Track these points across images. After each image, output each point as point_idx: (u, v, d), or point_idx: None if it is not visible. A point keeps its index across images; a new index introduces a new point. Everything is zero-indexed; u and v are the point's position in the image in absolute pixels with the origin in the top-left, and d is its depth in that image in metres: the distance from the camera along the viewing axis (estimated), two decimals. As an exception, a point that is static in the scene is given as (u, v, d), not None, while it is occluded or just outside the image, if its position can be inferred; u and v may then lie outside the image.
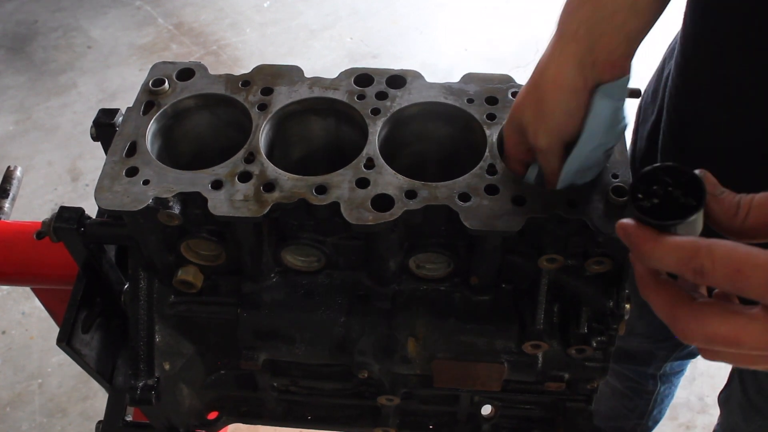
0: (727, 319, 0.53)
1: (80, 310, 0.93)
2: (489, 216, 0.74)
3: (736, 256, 0.51)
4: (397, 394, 0.93)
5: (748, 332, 0.53)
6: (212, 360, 0.96)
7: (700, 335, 0.55)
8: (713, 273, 0.52)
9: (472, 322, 0.85)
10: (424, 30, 3.51)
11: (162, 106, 0.85)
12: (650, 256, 0.56)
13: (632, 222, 0.57)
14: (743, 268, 0.51)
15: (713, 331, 0.54)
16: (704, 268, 0.52)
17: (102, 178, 0.79)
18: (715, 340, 0.54)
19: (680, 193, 0.57)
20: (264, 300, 0.87)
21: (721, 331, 0.53)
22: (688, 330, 0.55)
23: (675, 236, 0.55)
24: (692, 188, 0.57)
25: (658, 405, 1.72)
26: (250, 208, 0.75)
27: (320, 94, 0.86)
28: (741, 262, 0.51)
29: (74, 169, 2.88)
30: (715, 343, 0.54)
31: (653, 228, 0.56)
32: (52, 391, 2.23)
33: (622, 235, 0.58)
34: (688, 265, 0.53)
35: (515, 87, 0.87)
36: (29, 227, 1.06)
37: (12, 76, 3.26)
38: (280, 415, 1.05)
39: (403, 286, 0.86)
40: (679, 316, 0.56)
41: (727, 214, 0.56)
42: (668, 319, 0.57)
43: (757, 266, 0.50)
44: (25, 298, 2.43)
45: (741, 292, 0.52)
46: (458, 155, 0.88)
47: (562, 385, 0.90)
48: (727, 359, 0.58)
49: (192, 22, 3.53)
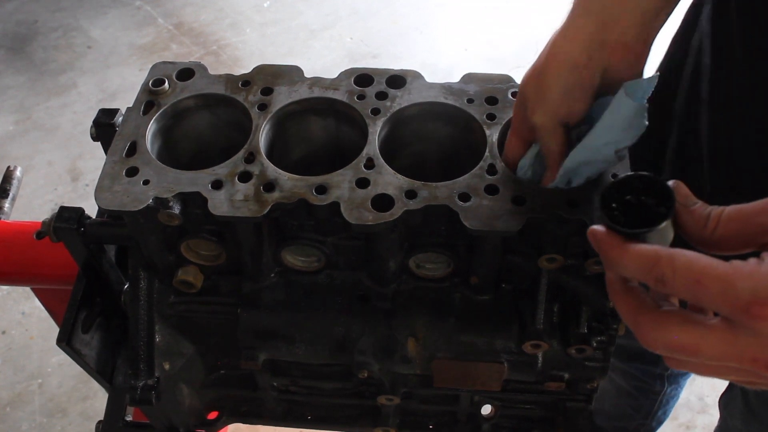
0: (687, 329, 0.54)
1: (80, 310, 0.93)
2: (489, 216, 0.74)
3: (697, 267, 0.52)
4: (397, 393, 0.93)
5: (706, 342, 0.53)
6: (212, 360, 0.96)
7: (661, 343, 0.55)
8: (673, 282, 0.53)
9: (472, 321, 0.85)
10: (424, 30, 3.51)
11: (162, 106, 0.85)
12: (616, 263, 0.56)
13: (602, 228, 0.58)
14: (702, 278, 0.51)
15: (673, 339, 0.54)
16: (665, 277, 0.53)
17: (102, 178, 0.79)
18: (675, 348, 0.54)
19: (653, 202, 0.57)
20: (264, 300, 0.87)
21: (681, 340, 0.54)
22: (650, 337, 0.56)
23: (640, 244, 0.55)
24: (663, 197, 0.57)
25: (663, 406, 1.72)
26: (251, 208, 0.75)
27: (320, 94, 0.86)
28: (700, 272, 0.51)
29: (74, 169, 2.88)
30: (675, 351, 0.55)
31: (621, 235, 0.56)
32: (52, 391, 2.23)
33: (592, 241, 0.58)
34: (650, 274, 0.54)
35: (515, 87, 0.87)
36: (29, 227, 1.06)
37: (12, 76, 3.26)
38: (280, 414, 1.05)
39: (403, 286, 0.86)
40: (642, 322, 0.56)
41: (698, 225, 0.57)
42: (632, 325, 0.57)
43: (715, 278, 0.51)
44: (25, 298, 2.43)
45: (700, 303, 0.52)
46: (458, 155, 0.88)
47: (562, 385, 0.90)
48: (690, 368, 0.58)
49: (192, 22, 3.53)
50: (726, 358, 0.53)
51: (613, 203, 0.58)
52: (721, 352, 0.53)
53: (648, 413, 1.73)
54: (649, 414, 1.73)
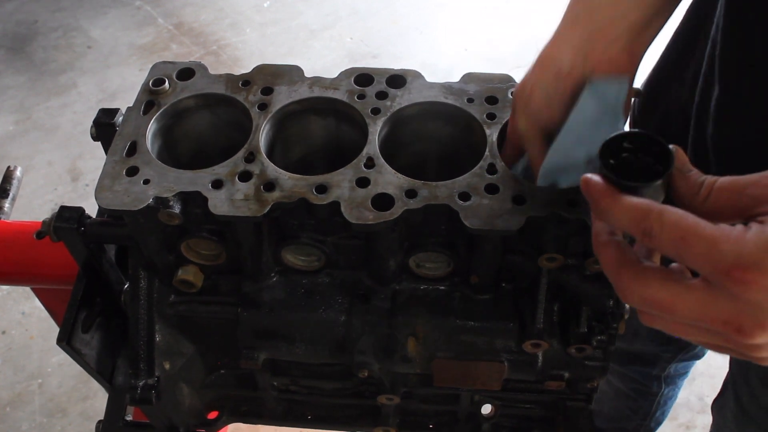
0: (666, 285, 0.55)
1: (80, 309, 0.93)
2: (489, 215, 0.74)
3: (684, 224, 0.52)
4: (398, 393, 0.93)
5: (683, 300, 0.54)
6: (212, 359, 0.96)
7: (639, 297, 0.56)
8: (660, 237, 0.53)
9: (472, 321, 0.85)
10: (424, 30, 3.51)
11: (162, 106, 0.86)
12: (607, 212, 0.57)
13: (598, 178, 0.58)
14: (688, 236, 0.52)
15: (651, 294, 0.55)
16: (653, 231, 0.54)
17: (102, 178, 0.79)
18: (651, 303, 0.55)
19: (650, 161, 0.58)
20: (264, 299, 0.87)
21: (658, 296, 0.55)
22: (629, 290, 0.57)
23: (633, 197, 0.56)
24: (661, 158, 0.58)
25: (661, 407, 1.72)
26: (251, 208, 0.75)
27: (320, 93, 0.86)
28: (687, 230, 0.52)
29: (74, 169, 2.88)
30: (652, 306, 0.56)
31: (616, 186, 0.57)
32: (52, 391, 2.23)
33: (584, 189, 0.59)
34: (639, 226, 0.55)
35: (515, 87, 0.86)
36: (29, 227, 1.06)
37: (12, 76, 3.26)
38: (280, 414, 1.05)
39: (403, 286, 0.86)
40: (623, 274, 0.57)
41: (691, 191, 0.58)
42: (612, 276, 0.58)
43: (701, 237, 0.51)
44: (25, 298, 2.43)
45: (683, 260, 0.53)
46: (458, 155, 0.88)
47: (562, 384, 0.90)
48: (662, 325, 0.58)
49: (192, 22, 3.53)
50: (699, 318, 0.54)
51: (611, 157, 0.59)
52: (695, 311, 0.54)
53: (646, 414, 1.73)
54: (647, 415, 1.73)
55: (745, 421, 1.19)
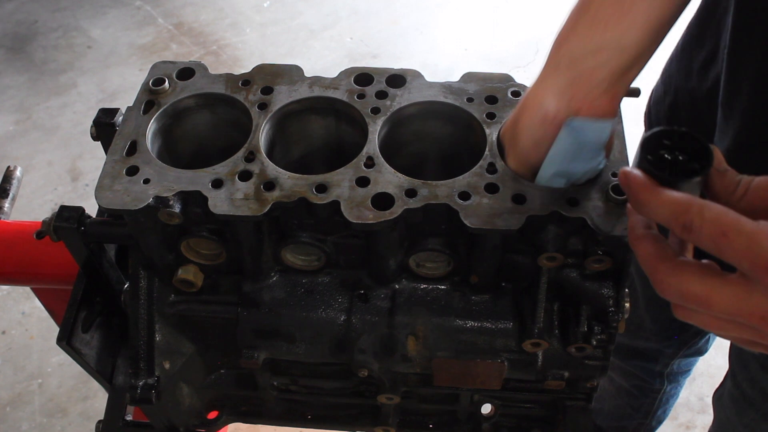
0: (703, 279, 0.55)
1: (80, 309, 0.93)
2: (489, 214, 0.74)
3: (725, 220, 0.53)
4: (397, 392, 0.93)
5: (719, 295, 0.55)
6: (212, 359, 0.96)
7: (676, 290, 0.57)
8: (700, 231, 0.54)
9: (472, 320, 0.85)
10: (424, 30, 3.51)
11: (162, 106, 0.86)
12: (646, 204, 0.58)
13: (637, 171, 0.59)
14: (729, 231, 0.53)
15: (688, 288, 0.56)
16: (693, 225, 0.54)
17: (102, 177, 0.79)
18: (688, 297, 0.56)
19: (686, 158, 0.59)
20: (264, 299, 0.87)
21: (695, 290, 0.55)
22: (665, 283, 0.57)
23: (673, 191, 0.57)
24: (699, 156, 0.59)
25: (663, 405, 1.72)
26: (251, 207, 0.75)
27: (320, 93, 0.86)
28: (728, 225, 0.53)
29: (74, 169, 2.88)
30: (688, 300, 0.56)
31: (656, 180, 0.58)
32: (52, 391, 2.23)
33: (623, 182, 0.60)
34: (678, 220, 0.55)
35: (515, 86, 0.87)
36: (29, 227, 1.06)
37: (12, 76, 3.26)
38: (280, 414, 1.05)
39: (403, 285, 0.86)
40: (660, 268, 0.58)
41: (727, 190, 0.59)
42: (649, 269, 0.59)
43: (741, 233, 0.52)
44: (25, 298, 2.44)
45: (722, 255, 0.54)
46: (458, 154, 0.88)
47: (562, 384, 0.90)
48: (698, 320, 0.59)
49: (192, 22, 3.53)
50: (736, 313, 0.54)
51: (649, 153, 0.60)
52: (732, 306, 0.54)
53: (648, 412, 1.73)
54: (648, 413, 1.73)
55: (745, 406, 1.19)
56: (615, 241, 0.74)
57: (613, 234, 0.72)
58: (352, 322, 0.87)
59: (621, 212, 0.73)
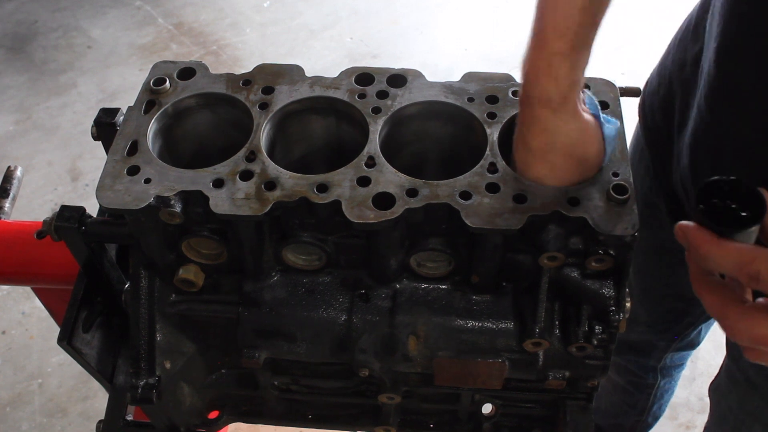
0: None
1: (81, 309, 0.93)
2: (490, 214, 0.74)
3: None
4: (398, 392, 0.93)
5: None
6: (213, 359, 0.96)
7: (747, 334, 0.59)
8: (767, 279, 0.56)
9: (473, 320, 0.85)
10: (424, 30, 3.51)
11: (163, 105, 0.86)
12: (709, 257, 0.59)
13: (693, 225, 0.61)
14: None
15: (759, 332, 0.58)
16: (760, 275, 0.56)
17: (103, 177, 0.79)
18: (759, 340, 0.58)
19: (738, 206, 0.60)
20: (265, 298, 0.87)
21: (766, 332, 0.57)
22: (736, 329, 0.59)
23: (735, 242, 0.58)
24: (751, 202, 0.60)
25: (658, 400, 1.72)
26: (252, 207, 0.75)
27: (321, 93, 0.86)
28: None
29: (74, 169, 2.88)
30: (760, 343, 0.58)
31: (714, 232, 0.59)
32: (52, 391, 2.23)
33: (680, 237, 0.61)
34: (744, 270, 0.57)
35: (515, 86, 0.87)
36: (29, 227, 1.06)
37: (12, 76, 3.26)
38: (280, 414, 1.05)
39: (404, 285, 0.86)
40: (729, 315, 0.60)
41: None
42: (719, 316, 0.61)
43: None
44: (25, 298, 2.44)
45: None
46: (459, 154, 0.88)
47: (563, 383, 0.90)
48: None
49: (192, 22, 3.53)
50: None
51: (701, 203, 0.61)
52: None
53: (643, 408, 1.74)
54: (644, 409, 1.74)
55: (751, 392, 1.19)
56: (616, 240, 0.74)
57: (613, 233, 0.72)
58: (353, 321, 0.87)
59: (622, 212, 0.73)
